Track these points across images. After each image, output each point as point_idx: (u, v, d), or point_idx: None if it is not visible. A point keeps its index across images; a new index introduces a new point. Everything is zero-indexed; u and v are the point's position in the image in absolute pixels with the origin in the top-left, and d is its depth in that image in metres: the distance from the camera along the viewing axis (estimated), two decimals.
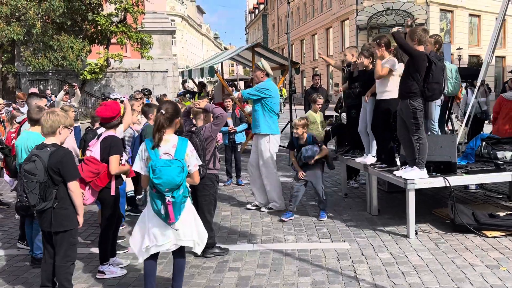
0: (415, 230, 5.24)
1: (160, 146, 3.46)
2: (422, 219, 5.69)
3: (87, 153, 4.27)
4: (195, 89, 15.85)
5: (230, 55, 13.26)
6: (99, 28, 21.29)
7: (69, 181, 3.50)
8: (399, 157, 5.81)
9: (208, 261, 4.65)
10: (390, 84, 5.64)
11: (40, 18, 17.84)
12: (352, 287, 4.00)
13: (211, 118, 4.82)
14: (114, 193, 4.27)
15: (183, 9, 75.51)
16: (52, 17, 18.34)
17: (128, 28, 21.76)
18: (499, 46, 33.08)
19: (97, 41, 22.00)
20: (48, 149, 3.50)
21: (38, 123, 4.63)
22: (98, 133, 4.67)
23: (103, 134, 4.30)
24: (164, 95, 13.02)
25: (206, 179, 4.48)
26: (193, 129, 4.58)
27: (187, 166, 3.47)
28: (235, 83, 28.06)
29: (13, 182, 5.56)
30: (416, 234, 5.21)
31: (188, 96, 13.64)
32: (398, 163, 5.78)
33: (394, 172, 5.42)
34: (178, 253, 3.63)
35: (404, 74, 5.20)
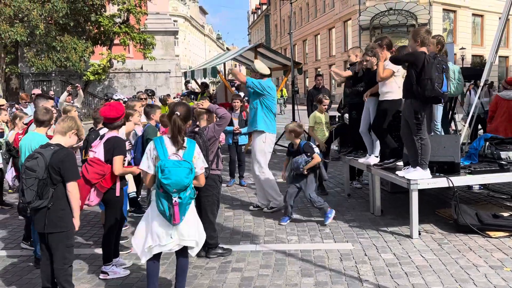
0: (419, 231, 5.22)
1: (169, 147, 3.47)
2: (426, 220, 5.67)
3: (90, 154, 4.26)
4: (198, 89, 15.86)
5: (233, 56, 13.27)
6: (102, 29, 21.34)
7: (68, 181, 3.50)
8: (402, 157, 5.79)
9: (211, 261, 4.65)
10: (393, 85, 5.63)
11: (43, 19, 17.88)
12: None
13: (214, 119, 4.82)
14: (119, 194, 4.28)
15: (186, 9, 75.63)
16: (55, 18, 18.38)
17: (131, 29, 21.79)
18: (503, 46, 33.01)
19: (100, 42, 22.05)
20: (52, 148, 3.52)
21: (43, 125, 4.65)
22: (100, 133, 4.68)
23: (106, 135, 4.30)
24: (168, 96, 13.04)
25: (209, 180, 4.48)
26: (196, 129, 4.58)
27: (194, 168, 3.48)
28: (238, 84, 28.04)
29: (13, 181, 5.58)
30: (419, 234, 5.20)
31: (192, 96, 13.66)
32: (400, 163, 5.77)
33: (397, 172, 5.40)
34: (181, 253, 3.63)
35: (407, 74, 5.20)
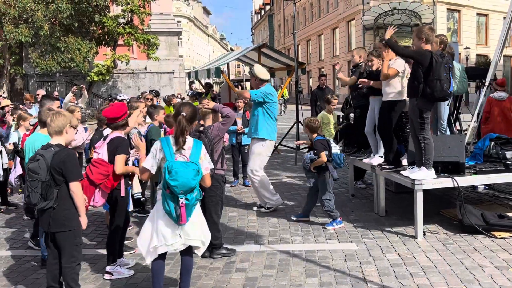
0: (423, 231, 5.20)
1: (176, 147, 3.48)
2: (430, 220, 5.65)
3: (94, 155, 4.28)
4: (202, 90, 15.89)
5: (237, 56, 13.28)
6: (106, 29, 21.40)
7: (71, 181, 3.50)
8: (407, 157, 5.78)
9: (215, 261, 4.65)
10: (397, 85, 5.60)
11: (47, 20, 17.95)
12: None
13: (219, 118, 4.82)
14: (123, 194, 4.29)
15: (189, 10, 75.71)
16: (59, 19, 18.44)
17: (134, 29, 21.84)
18: (507, 45, 32.82)
19: (104, 42, 22.11)
20: (52, 149, 3.52)
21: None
22: (104, 134, 4.69)
23: (110, 136, 4.31)
24: (173, 96, 13.05)
25: (213, 180, 4.45)
26: (200, 128, 4.58)
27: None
28: (241, 84, 28.06)
29: (16, 181, 5.60)
30: (424, 235, 5.18)
31: (196, 97, 13.68)
32: (405, 163, 5.75)
33: (402, 172, 5.39)
34: (186, 252, 3.63)
35: (412, 74, 5.18)
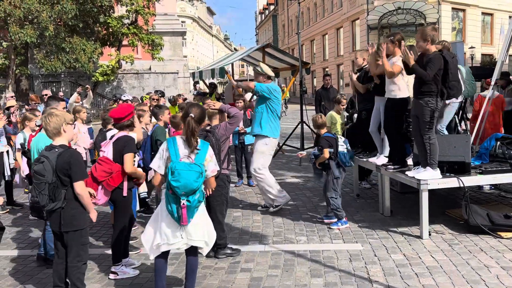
0: (429, 231, 5.18)
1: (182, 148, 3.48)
2: (436, 220, 5.63)
3: (100, 153, 4.30)
4: (206, 90, 15.90)
5: (241, 56, 13.27)
6: (111, 30, 21.49)
7: (75, 181, 3.49)
8: (412, 157, 5.75)
9: (220, 261, 4.66)
10: (401, 82, 5.58)
11: (52, 21, 18.06)
12: None
13: (225, 118, 4.82)
14: (126, 194, 4.29)
15: (193, 10, 75.82)
16: (64, 19, 18.55)
17: (139, 30, 21.93)
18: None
19: (108, 43, 22.21)
20: (56, 150, 3.52)
21: None
22: (108, 135, 4.71)
23: (116, 135, 4.32)
24: (179, 96, 13.05)
25: (218, 180, 4.47)
26: (207, 128, 4.57)
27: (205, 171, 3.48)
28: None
29: (21, 182, 5.63)
30: (429, 235, 5.16)
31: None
32: (410, 163, 5.73)
33: (407, 172, 5.37)
34: (190, 251, 3.64)
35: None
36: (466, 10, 35.24)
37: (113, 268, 4.35)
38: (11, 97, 11.39)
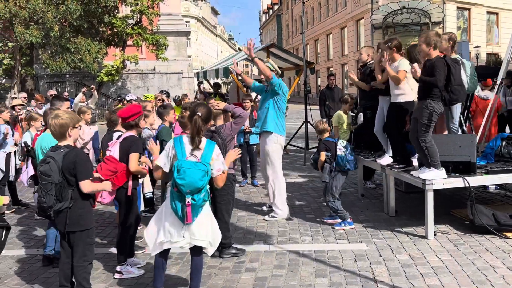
0: (434, 231, 5.17)
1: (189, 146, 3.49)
2: (441, 220, 5.61)
3: (107, 153, 4.31)
4: (210, 89, 15.92)
5: (245, 56, 13.25)
6: (115, 30, 21.57)
7: (80, 180, 3.49)
8: (417, 156, 5.73)
9: (224, 261, 4.66)
10: (405, 86, 5.57)
11: (57, 21, 18.15)
12: None
13: (230, 118, 4.83)
14: (130, 193, 4.31)
15: (198, 10, 75.97)
16: (69, 20, 18.64)
17: (143, 30, 21.99)
18: None
19: (113, 43, 22.29)
20: (61, 150, 3.54)
21: None
22: (114, 136, 4.72)
23: (123, 135, 4.34)
24: (185, 95, 13.07)
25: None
26: (212, 128, 4.58)
27: (211, 170, 3.49)
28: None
29: (28, 181, 5.65)
30: (434, 235, 5.15)
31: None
32: (415, 163, 5.71)
33: (412, 172, 5.35)
34: (195, 251, 3.65)
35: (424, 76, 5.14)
36: (471, 9, 35.10)
37: (118, 267, 4.37)
38: (24, 97, 11.47)
